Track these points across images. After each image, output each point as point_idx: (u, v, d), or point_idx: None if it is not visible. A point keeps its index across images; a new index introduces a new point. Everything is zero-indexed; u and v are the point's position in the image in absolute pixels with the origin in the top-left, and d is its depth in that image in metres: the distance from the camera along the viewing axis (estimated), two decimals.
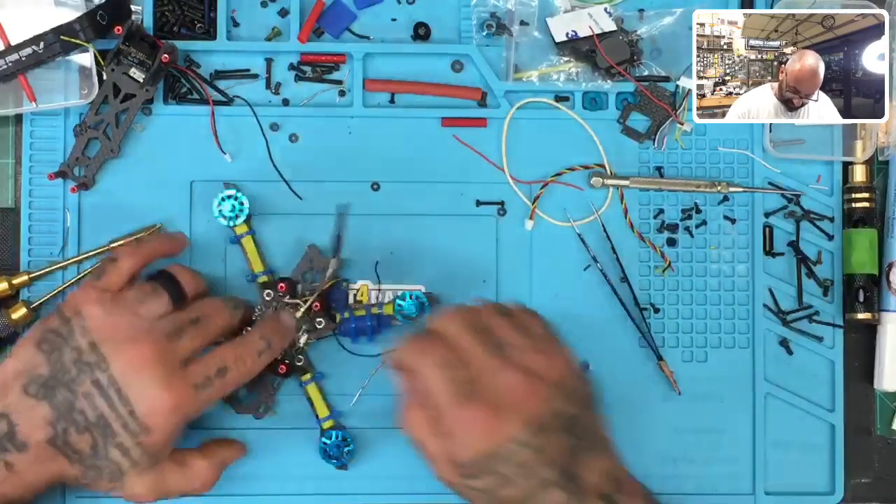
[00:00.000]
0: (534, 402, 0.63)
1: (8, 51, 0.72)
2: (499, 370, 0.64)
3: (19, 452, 0.64)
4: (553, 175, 0.78)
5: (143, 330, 0.65)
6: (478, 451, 0.63)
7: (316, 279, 0.76)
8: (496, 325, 0.67)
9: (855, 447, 0.79)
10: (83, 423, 0.64)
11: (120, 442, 0.64)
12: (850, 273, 0.78)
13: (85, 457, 0.65)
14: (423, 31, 0.79)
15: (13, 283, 0.75)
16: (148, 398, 0.64)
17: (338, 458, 0.75)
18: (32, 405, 0.64)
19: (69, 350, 0.65)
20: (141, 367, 0.64)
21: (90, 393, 0.64)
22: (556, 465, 0.62)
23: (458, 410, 0.63)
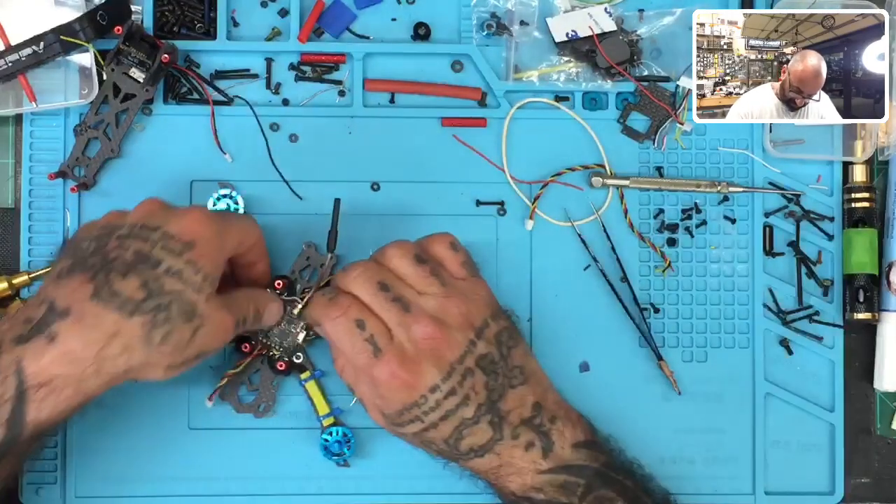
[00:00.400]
0: (446, 349, 0.66)
1: (8, 51, 0.72)
2: (408, 324, 0.66)
3: (62, 319, 0.61)
4: (553, 175, 0.78)
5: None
6: (398, 404, 0.66)
7: (314, 276, 0.76)
8: (406, 275, 0.68)
9: (855, 447, 0.79)
10: (122, 268, 0.62)
11: (168, 266, 0.63)
12: (850, 273, 0.78)
13: (141, 302, 0.62)
14: (423, 31, 0.79)
15: (13, 283, 0.75)
16: (177, 219, 0.65)
17: (339, 455, 0.75)
18: (67, 280, 0.63)
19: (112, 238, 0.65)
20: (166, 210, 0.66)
21: (121, 243, 0.64)
22: (476, 404, 0.66)
23: (371, 369, 0.66)
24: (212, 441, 0.76)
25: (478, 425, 0.66)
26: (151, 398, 0.75)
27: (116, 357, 0.61)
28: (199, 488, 0.76)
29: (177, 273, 0.63)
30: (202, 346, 0.65)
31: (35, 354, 0.61)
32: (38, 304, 0.63)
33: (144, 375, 0.64)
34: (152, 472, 0.76)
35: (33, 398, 0.61)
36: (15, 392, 0.61)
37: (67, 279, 0.63)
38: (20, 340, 0.61)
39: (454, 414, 0.66)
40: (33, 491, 0.75)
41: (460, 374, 0.66)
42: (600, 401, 0.77)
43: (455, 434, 0.67)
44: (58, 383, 0.61)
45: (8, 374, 0.61)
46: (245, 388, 0.76)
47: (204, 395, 0.75)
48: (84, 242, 0.65)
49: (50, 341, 0.61)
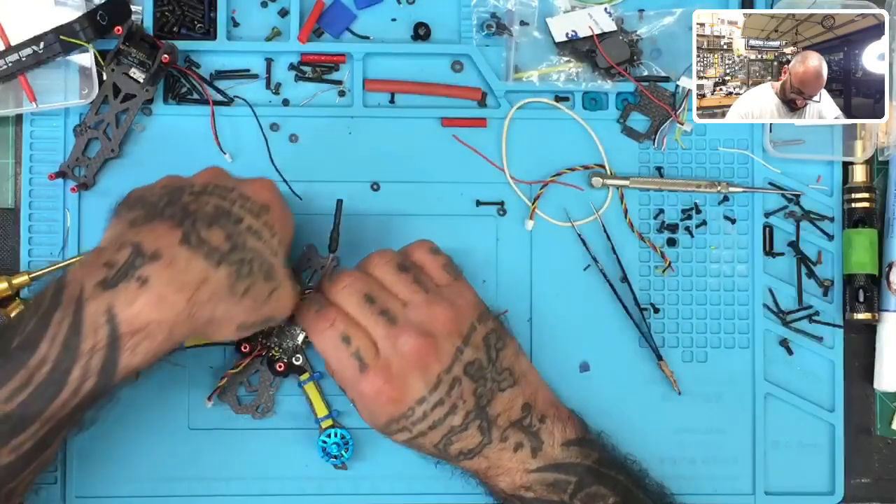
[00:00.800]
0: (433, 360, 0.65)
1: (8, 51, 0.72)
2: (394, 337, 0.65)
3: (153, 262, 0.59)
4: (553, 175, 0.78)
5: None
6: (385, 416, 0.66)
7: (314, 278, 0.76)
8: (390, 284, 0.67)
9: (855, 447, 0.79)
10: (206, 219, 0.62)
11: (248, 225, 0.63)
12: (850, 273, 0.78)
13: (226, 253, 0.61)
14: (423, 31, 0.79)
15: (13, 283, 0.75)
16: (249, 184, 0.66)
17: (337, 456, 0.75)
18: (150, 226, 0.62)
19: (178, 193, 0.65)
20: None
21: (199, 197, 0.63)
22: (464, 412, 0.66)
23: (358, 385, 0.66)
24: (212, 441, 0.76)
25: (466, 432, 0.67)
26: (151, 398, 0.75)
27: (205, 303, 0.61)
28: (199, 488, 0.76)
29: (257, 232, 0.63)
30: (274, 309, 0.65)
31: (127, 300, 0.59)
32: (117, 248, 0.61)
33: (218, 330, 0.63)
34: (152, 472, 0.76)
35: (126, 346, 0.59)
36: (108, 341, 0.59)
37: (150, 225, 0.61)
38: (106, 285, 0.59)
39: (442, 423, 0.66)
40: (33, 491, 0.75)
41: (448, 384, 0.66)
42: (600, 401, 0.77)
43: (444, 441, 0.67)
44: (152, 329, 0.60)
45: (100, 322, 0.59)
46: (244, 389, 0.76)
47: (204, 395, 0.75)
48: (152, 197, 0.64)
49: (141, 285, 0.59)
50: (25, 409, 0.59)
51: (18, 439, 0.60)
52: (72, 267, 0.61)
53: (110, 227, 0.64)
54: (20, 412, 0.59)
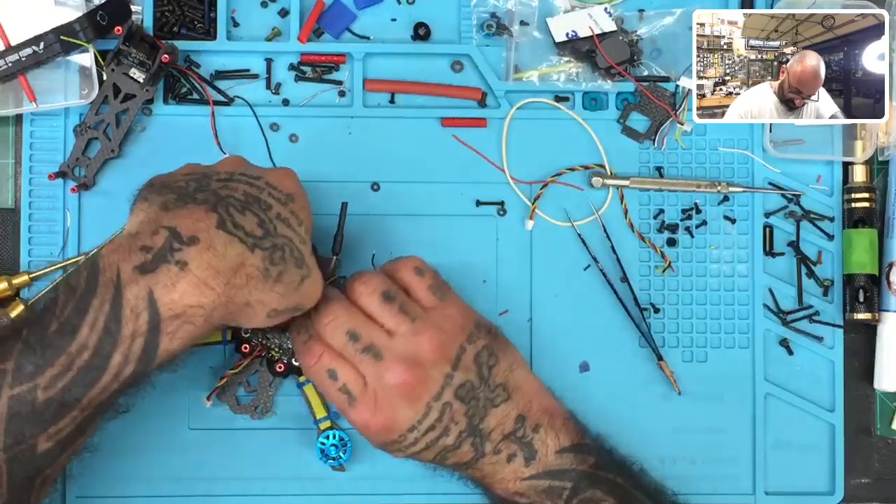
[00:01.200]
0: (421, 389, 0.65)
1: (8, 51, 0.72)
2: (380, 373, 0.65)
3: (191, 246, 0.59)
4: (553, 175, 0.78)
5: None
6: (378, 443, 0.67)
7: None
8: (376, 314, 0.67)
9: (855, 447, 0.79)
10: (239, 205, 0.62)
11: (278, 212, 0.63)
12: (850, 273, 0.78)
13: (260, 238, 0.61)
14: (423, 31, 0.79)
15: (13, 283, 0.75)
16: (273, 173, 0.66)
17: (335, 458, 0.75)
18: (184, 210, 0.61)
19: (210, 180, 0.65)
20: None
21: (227, 183, 0.63)
22: (457, 432, 0.66)
23: (348, 416, 0.67)
24: (212, 442, 0.76)
25: (460, 449, 0.67)
26: (151, 398, 0.75)
27: (241, 288, 0.61)
28: (199, 489, 0.76)
29: (285, 220, 0.64)
30: (303, 296, 0.64)
31: (167, 284, 0.59)
32: (153, 232, 0.60)
33: (251, 316, 0.63)
34: (152, 473, 0.76)
35: (167, 329, 0.59)
36: (148, 326, 0.59)
37: (185, 209, 0.61)
38: (144, 269, 0.59)
39: (435, 444, 0.66)
40: None
41: (438, 410, 0.66)
42: (600, 401, 0.77)
43: (439, 457, 0.67)
44: (191, 313, 0.59)
45: (140, 308, 0.59)
46: (243, 390, 0.76)
47: (204, 395, 0.75)
48: (180, 182, 0.64)
49: (181, 269, 0.59)
50: (66, 394, 0.59)
51: (58, 425, 0.60)
52: (103, 251, 0.61)
53: (137, 211, 0.63)
54: (60, 398, 0.59)
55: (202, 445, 0.76)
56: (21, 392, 0.58)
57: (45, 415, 0.59)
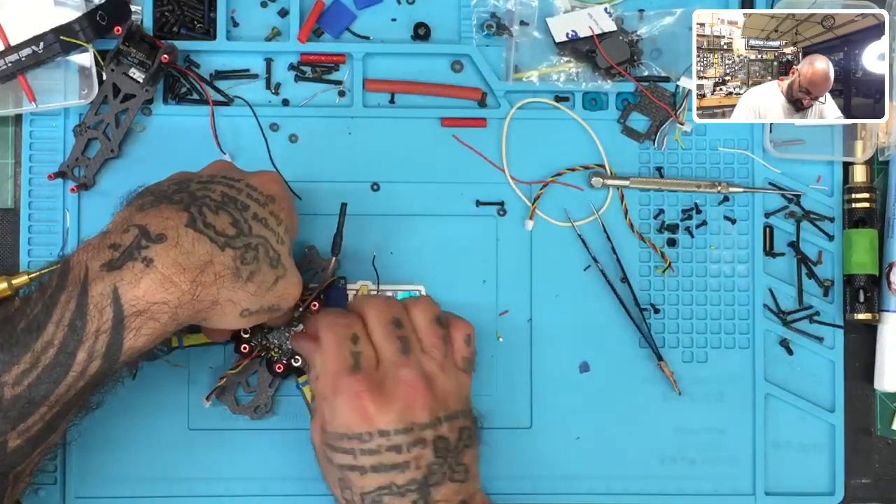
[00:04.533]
0: (418, 406, 0.64)
1: (8, 51, 0.72)
2: (399, 364, 0.65)
3: (158, 244, 0.59)
4: (553, 175, 0.78)
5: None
6: (343, 427, 0.64)
7: (315, 280, 0.75)
8: (421, 329, 0.68)
9: (855, 447, 0.79)
10: (213, 205, 0.62)
11: (255, 212, 0.63)
12: (851, 273, 0.78)
13: (232, 237, 0.62)
14: (423, 31, 0.79)
15: (13, 283, 0.75)
16: (255, 175, 0.66)
17: None
18: (157, 210, 0.61)
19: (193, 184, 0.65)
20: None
21: (206, 185, 0.64)
22: (410, 476, 0.64)
23: (340, 380, 0.64)
24: (212, 442, 0.76)
25: (402, 499, 0.64)
26: (151, 398, 0.75)
27: (209, 286, 0.61)
28: (199, 489, 0.76)
29: (262, 220, 0.64)
30: (279, 297, 0.64)
31: (131, 281, 0.59)
32: (123, 230, 0.60)
33: (222, 315, 0.62)
34: (152, 473, 0.75)
35: (131, 326, 0.59)
36: (112, 322, 0.59)
37: (157, 209, 0.61)
38: (111, 267, 0.59)
39: (386, 472, 0.64)
40: (33, 491, 0.75)
41: (414, 438, 0.64)
42: (600, 401, 0.77)
43: (376, 493, 0.64)
44: (155, 310, 0.59)
45: (105, 304, 0.59)
46: (242, 390, 0.76)
47: (203, 396, 0.75)
48: (163, 185, 0.65)
49: (146, 266, 0.59)
50: (32, 392, 0.59)
51: (27, 423, 0.60)
52: (77, 249, 0.61)
53: (118, 214, 0.64)
54: (28, 395, 0.59)
55: (202, 445, 0.76)
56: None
57: (12, 412, 0.59)
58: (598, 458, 0.77)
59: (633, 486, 0.77)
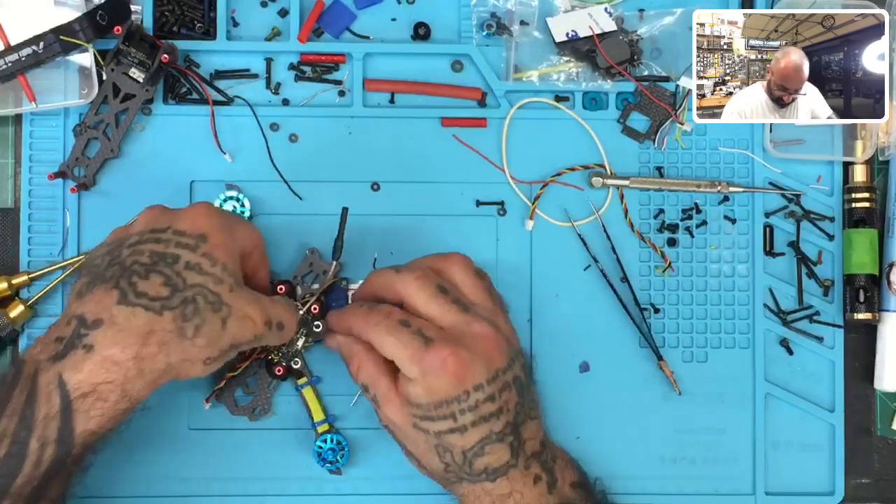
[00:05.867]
0: (497, 354, 0.66)
1: (8, 51, 0.72)
2: (467, 321, 0.66)
3: (95, 329, 0.61)
4: (553, 175, 0.78)
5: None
6: (441, 394, 0.65)
7: (316, 282, 0.75)
8: (463, 283, 0.69)
9: (855, 447, 0.79)
10: (142, 271, 0.62)
11: (187, 261, 0.63)
12: (851, 273, 0.78)
13: (167, 298, 0.62)
14: (423, 31, 0.79)
15: (13, 283, 0.75)
16: (184, 216, 0.65)
17: (333, 462, 0.75)
18: (90, 295, 0.62)
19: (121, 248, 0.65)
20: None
21: (136, 247, 0.64)
22: (505, 420, 0.66)
23: (422, 359, 0.65)
24: (212, 442, 0.76)
25: (501, 444, 0.66)
26: (151, 398, 0.75)
27: (155, 355, 0.61)
28: (198, 489, 0.76)
29: (195, 266, 0.63)
30: (234, 336, 0.64)
31: (74, 366, 0.61)
32: (66, 323, 0.62)
33: (185, 372, 0.63)
34: (152, 472, 0.75)
35: (80, 409, 0.61)
36: (60, 406, 0.60)
37: (90, 294, 0.62)
38: (56, 358, 0.61)
39: (486, 422, 0.65)
40: None
41: (501, 384, 0.66)
42: (600, 401, 0.77)
43: (478, 446, 0.66)
44: (102, 390, 0.61)
45: (50, 389, 0.60)
46: (241, 391, 0.76)
47: (204, 396, 0.75)
48: (96, 260, 0.65)
49: (87, 352, 0.61)
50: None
51: None
52: (30, 347, 0.63)
53: (70, 294, 0.65)
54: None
55: (202, 446, 0.76)
56: None
57: None
58: (598, 458, 0.76)
59: (633, 486, 0.77)
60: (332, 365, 0.75)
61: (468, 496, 0.68)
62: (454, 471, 0.67)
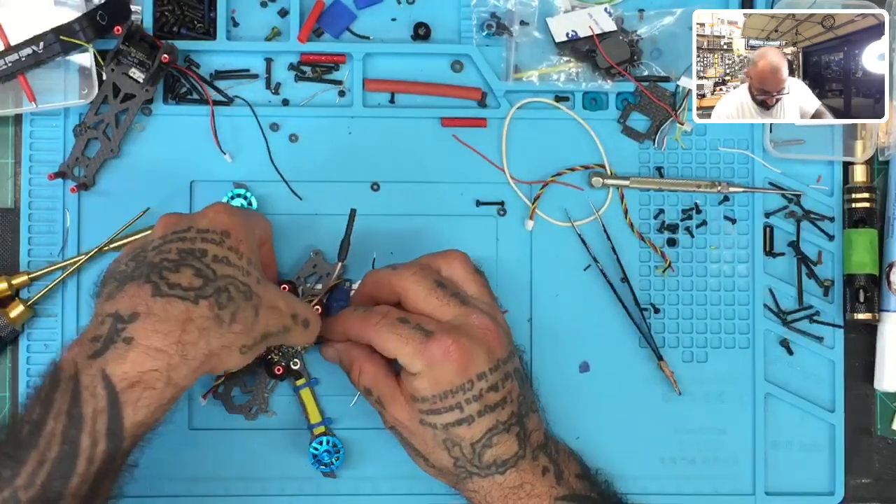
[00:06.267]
0: (497, 344, 0.67)
1: (8, 51, 0.72)
2: (467, 314, 0.67)
3: (132, 322, 0.60)
4: (553, 175, 0.78)
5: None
6: (446, 384, 0.66)
7: (319, 283, 0.75)
8: (462, 278, 0.70)
9: (855, 447, 0.79)
10: (172, 265, 0.62)
11: (214, 255, 0.64)
12: (851, 273, 0.78)
13: (201, 288, 0.62)
14: (423, 31, 0.79)
15: (13, 283, 0.75)
16: (202, 216, 0.66)
17: (328, 464, 0.75)
18: (121, 293, 0.62)
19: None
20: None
21: (160, 248, 0.64)
22: (510, 410, 0.67)
23: (424, 351, 0.66)
24: (212, 441, 0.76)
25: (508, 434, 0.67)
26: None
27: (196, 342, 0.61)
28: (198, 488, 0.76)
29: (223, 259, 0.64)
30: (266, 325, 0.65)
31: (117, 360, 0.60)
32: (100, 322, 0.62)
33: (223, 360, 0.63)
34: (152, 472, 0.75)
35: (128, 400, 0.60)
36: (108, 400, 0.60)
37: (121, 293, 0.62)
38: (96, 355, 0.60)
39: (491, 412, 0.66)
40: None
41: (503, 373, 0.67)
42: (600, 401, 0.77)
43: (485, 438, 0.66)
44: (148, 378, 0.60)
45: (95, 385, 0.60)
46: (239, 390, 0.76)
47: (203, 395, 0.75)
48: (120, 267, 0.65)
49: (128, 344, 0.60)
50: (47, 491, 0.59)
51: None
52: (63, 352, 0.62)
53: (94, 307, 0.65)
54: (42, 496, 0.59)
55: (201, 445, 0.76)
56: (3, 499, 0.58)
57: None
58: (598, 458, 0.76)
59: (633, 486, 0.77)
60: (331, 367, 0.75)
61: (479, 492, 0.68)
62: (464, 465, 0.67)
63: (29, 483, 0.59)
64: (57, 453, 0.59)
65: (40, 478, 0.59)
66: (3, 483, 0.59)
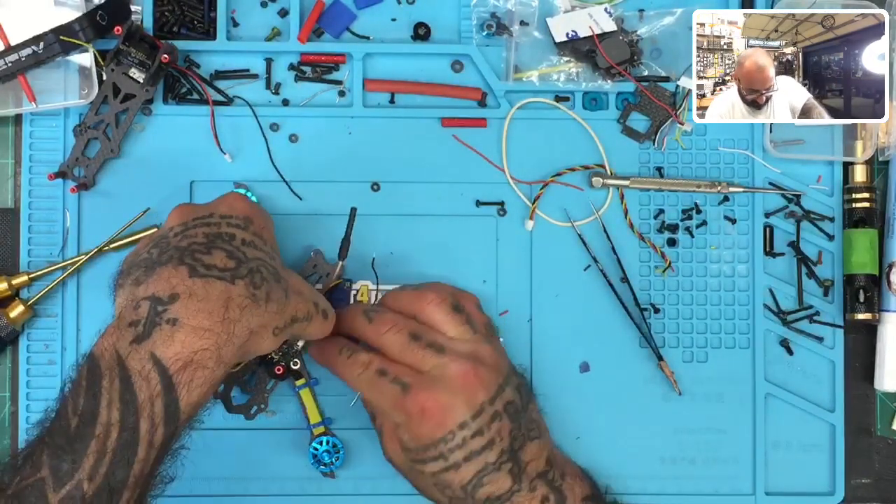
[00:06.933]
0: (479, 388, 0.66)
1: (8, 51, 0.72)
2: (444, 364, 0.67)
3: (173, 303, 0.59)
4: (553, 175, 0.78)
5: None
6: (426, 439, 0.66)
7: (318, 283, 0.75)
8: (441, 321, 0.69)
9: (855, 447, 0.79)
10: (202, 248, 0.62)
11: (242, 238, 0.64)
12: (851, 273, 0.78)
13: (236, 269, 0.62)
14: (423, 31, 0.79)
15: (13, 283, 0.75)
16: (222, 203, 0.67)
17: (328, 464, 0.75)
18: (155, 277, 0.61)
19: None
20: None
21: (185, 233, 0.64)
22: (499, 449, 0.66)
23: (402, 406, 0.66)
24: (211, 441, 0.76)
25: (499, 472, 0.66)
26: None
27: (239, 319, 0.61)
28: (198, 488, 0.76)
29: (250, 243, 0.64)
30: (295, 308, 0.65)
31: (164, 341, 0.59)
32: (135, 307, 0.60)
33: (260, 342, 0.63)
34: None
35: (181, 381, 0.59)
36: (162, 384, 0.58)
37: (153, 276, 0.61)
38: (140, 339, 0.59)
39: (478, 456, 0.65)
40: None
41: (489, 416, 0.66)
42: (600, 401, 0.77)
43: (475, 479, 0.66)
44: (200, 358, 0.59)
45: (148, 370, 0.58)
46: (239, 390, 0.76)
47: None
48: (142, 255, 0.64)
49: (173, 325, 0.59)
50: (111, 479, 0.58)
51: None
52: (96, 343, 0.61)
53: (116, 299, 0.64)
54: (107, 485, 0.57)
55: (201, 445, 0.75)
56: (68, 492, 0.57)
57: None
58: (598, 458, 0.76)
59: (633, 486, 0.77)
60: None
61: None
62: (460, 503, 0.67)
63: (92, 475, 0.57)
64: (117, 442, 0.58)
65: (104, 468, 0.57)
66: (63, 476, 0.57)
